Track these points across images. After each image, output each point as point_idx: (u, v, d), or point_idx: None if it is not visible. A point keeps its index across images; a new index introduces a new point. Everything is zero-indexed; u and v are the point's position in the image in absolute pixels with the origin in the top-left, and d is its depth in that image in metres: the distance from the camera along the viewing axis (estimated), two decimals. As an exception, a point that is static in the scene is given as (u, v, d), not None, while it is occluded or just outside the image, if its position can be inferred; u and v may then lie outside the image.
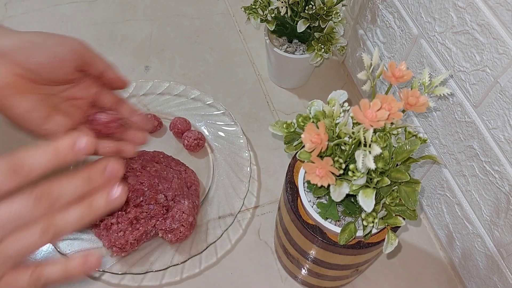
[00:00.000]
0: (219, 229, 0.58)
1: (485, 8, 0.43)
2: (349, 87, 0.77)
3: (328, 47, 0.64)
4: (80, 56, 0.46)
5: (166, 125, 0.68)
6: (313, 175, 0.35)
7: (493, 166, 0.47)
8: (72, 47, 0.45)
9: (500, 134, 0.45)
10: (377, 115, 0.33)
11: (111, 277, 0.55)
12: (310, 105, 0.43)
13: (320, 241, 0.44)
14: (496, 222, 0.49)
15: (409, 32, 0.56)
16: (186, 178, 0.60)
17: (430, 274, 0.59)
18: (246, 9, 0.65)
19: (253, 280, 0.57)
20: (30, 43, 0.43)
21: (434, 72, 0.53)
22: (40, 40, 0.44)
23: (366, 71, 0.38)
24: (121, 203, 0.34)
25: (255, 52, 0.79)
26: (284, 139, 0.44)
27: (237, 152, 0.65)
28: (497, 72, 0.43)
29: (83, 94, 0.50)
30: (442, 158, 0.55)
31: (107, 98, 0.52)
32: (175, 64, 0.77)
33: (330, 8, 0.62)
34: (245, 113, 0.72)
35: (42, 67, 0.44)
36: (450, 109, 0.52)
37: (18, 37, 0.43)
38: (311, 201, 0.45)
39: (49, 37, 0.45)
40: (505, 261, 0.49)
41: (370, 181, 0.38)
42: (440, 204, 0.59)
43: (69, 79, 0.47)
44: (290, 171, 0.48)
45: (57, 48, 0.44)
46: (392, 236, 0.41)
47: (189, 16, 0.83)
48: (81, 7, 0.82)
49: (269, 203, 0.63)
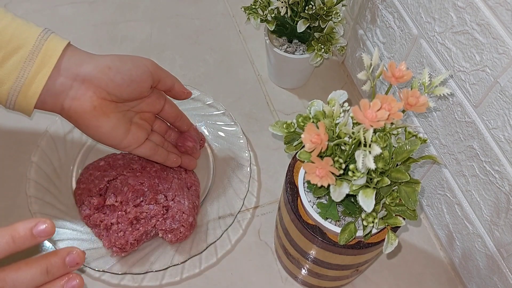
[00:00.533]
0: (219, 229, 0.58)
1: (485, 8, 0.43)
2: (349, 87, 0.77)
3: (328, 47, 0.64)
4: (152, 75, 0.51)
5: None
6: (313, 175, 0.35)
7: (493, 166, 0.47)
8: (146, 68, 0.50)
9: (500, 134, 0.45)
10: (377, 115, 0.33)
11: (111, 277, 0.55)
12: (310, 105, 0.43)
13: (320, 241, 0.44)
14: (496, 222, 0.49)
15: (409, 32, 0.56)
16: (186, 179, 0.60)
17: (430, 274, 0.59)
18: (246, 9, 0.65)
19: (253, 280, 0.57)
20: (110, 68, 0.48)
21: (434, 72, 0.53)
22: (118, 65, 0.48)
23: (366, 71, 0.38)
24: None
25: (255, 52, 0.79)
26: (284, 139, 0.44)
27: (237, 152, 0.65)
28: (497, 72, 0.43)
29: (151, 108, 0.55)
30: (442, 158, 0.55)
31: (171, 111, 0.58)
32: (175, 65, 0.77)
33: (330, 8, 0.62)
34: (245, 113, 0.72)
35: (122, 89, 0.49)
36: (450, 109, 0.52)
37: (99, 63, 0.48)
38: (311, 201, 0.45)
39: (125, 61, 0.49)
40: (505, 261, 0.49)
41: (370, 181, 0.38)
42: (440, 204, 0.59)
43: (144, 96, 0.53)
44: (290, 171, 0.48)
45: (134, 71, 0.49)
46: (392, 236, 0.41)
47: (189, 17, 0.83)
48: (81, 8, 0.82)
49: (269, 203, 0.63)
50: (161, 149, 0.57)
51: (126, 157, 0.61)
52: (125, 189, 0.56)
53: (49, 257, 0.33)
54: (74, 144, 0.64)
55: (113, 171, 0.59)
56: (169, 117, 0.58)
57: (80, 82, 0.47)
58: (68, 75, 0.46)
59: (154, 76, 0.51)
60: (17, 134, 0.67)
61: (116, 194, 0.56)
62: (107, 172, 0.59)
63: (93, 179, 0.59)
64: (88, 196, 0.57)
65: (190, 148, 0.61)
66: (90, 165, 0.61)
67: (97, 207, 0.56)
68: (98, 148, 0.65)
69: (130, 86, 0.49)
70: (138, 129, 0.53)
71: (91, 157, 0.64)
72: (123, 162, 0.60)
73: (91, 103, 0.47)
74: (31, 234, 0.32)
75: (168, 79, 0.54)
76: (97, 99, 0.47)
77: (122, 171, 0.59)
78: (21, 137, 0.66)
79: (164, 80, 0.53)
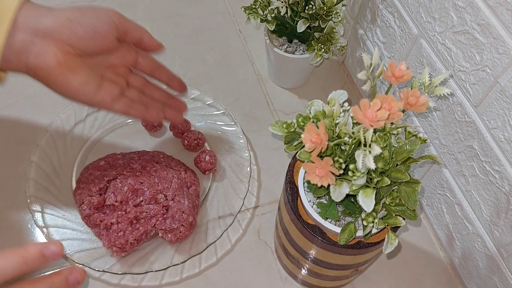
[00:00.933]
0: (219, 229, 0.58)
1: (485, 8, 0.43)
2: (349, 87, 0.76)
3: (328, 47, 0.64)
4: (117, 26, 0.49)
5: (166, 125, 0.68)
6: (313, 175, 0.35)
7: (493, 166, 0.47)
8: (109, 19, 0.48)
9: (500, 134, 0.45)
10: (377, 115, 0.33)
11: (111, 277, 0.55)
12: (310, 105, 0.43)
13: (320, 241, 0.44)
14: (496, 222, 0.49)
15: (409, 32, 0.56)
16: (186, 178, 0.60)
17: (430, 274, 0.59)
18: (246, 9, 0.65)
19: (253, 280, 0.57)
20: (70, 21, 0.45)
21: (434, 72, 0.53)
22: (79, 17, 0.46)
23: (366, 71, 0.38)
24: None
25: (255, 52, 0.79)
26: (284, 139, 0.44)
27: (237, 152, 0.65)
28: (497, 72, 0.43)
29: (122, 61, 0.53)
30: (442, 158, 0.55)
31: (146, 62, 0.55)
32: (175, 64, 0.77)
33: (330, 8, 0.62)
34: (245, 113, 0.72)
35: (85, 42, 0.46)
36: (450, 109, 0.52)
37: (58, 16, 0.45)
38: (311, 201, 0.45)
39: (86, 13, 0.47)
40: (505, 261, 0.49)
41: (370, 181, 0.38)
42: (440, 204, 0.59)
43: (109, 48, 0.50)
44: (290, 171, 0.48)
45: (96, 23, 0.47)
46: (392, 236, 0.41)
47: (189, 16, 0.83)
48: (81, 7, 0.82)
49: (269, 203, 0.63)
50: (138, 104, 0.54)
51: (126, 157, 0.61)
52: (125, 189, 0.56)
53: (52, 276, 0.34)
54: (74, 143, 0.64)
55: (113, 170, 0.59)
56: (146, 70, 0.55)
57: (41, 37, 0.45)
58: (27, 30, 0.44)
59: (119, 27, 0.49)
60: (16, 133, 0.67)
61: (116, 193, 0.56)
62: (107, 171, 0.59)
63: (93, 178, 0.59)
64: (88, 196, 0.57)
65: (209, 161, 0.62)
66: (90, 165, 0.61)
67: (97, 207, 0.56)
68: (98, 148, 0.65)
69: (94, 39, 0.47)
70: (111, 84, 0.51)
71: (91, 157, 0.64)
72: (123, 162, 0.60)
73: (56, 58, 0.45)
74: (42, 255, 0.33)
75: (135, 31, 0.51)
76: (62, 54, 0.45)
77: (122, 170, 0.59)
78: (21, 137, 0.66)
79: (131, 32, 0.50)
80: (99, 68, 0.50)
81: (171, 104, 0.58)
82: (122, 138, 0.67)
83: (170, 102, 0.58)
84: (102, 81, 0.50)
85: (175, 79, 0.58)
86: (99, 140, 0.66)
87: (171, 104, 0.58)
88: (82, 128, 0.66)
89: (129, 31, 0.50)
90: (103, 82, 0.50)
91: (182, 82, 0.58)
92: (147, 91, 0.56)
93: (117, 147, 0.65)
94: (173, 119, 0.58)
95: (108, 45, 0.49)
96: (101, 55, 0.50)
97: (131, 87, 0.54)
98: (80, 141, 0.65)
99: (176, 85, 0.58)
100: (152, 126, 0.66)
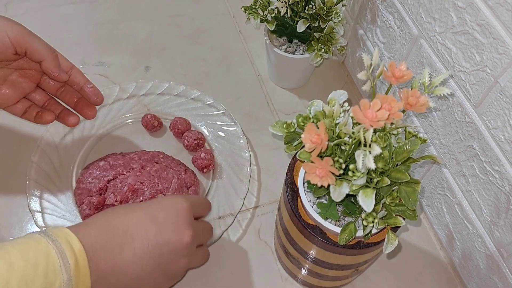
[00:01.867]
0: (219, 229, 0.58)
1: (485, 8, 0.43)
2: (349, 87, 0.77)
3: (328, 47, 0.64)
4: (17, 42, 0.48)
5: (166, 125, 0.68)
6: (313, 175, 0.35)
7: (493, 166, 0.47)
8: (10, 33, 0.48)
9: (500, 134, 0.45)
10: (377, 115, 0.33)
11: (111, 277, 0.55)
12: (310, 105, 0.43)
13: (320, 241, 0.44)
14: (496, 222, 0.49)
15: (409, 32, 0.56)
16: (186, 179, 0.60)
17: (430, 274, 0.59)
18: (246, 9, 0.65)
19: (253, 280, 0.57)
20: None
21: (434, 72, 0.53)
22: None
23: (366, 71, 0.38)
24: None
25: (255, 52, 0.79)
26: (284, 139, 0.44)
27: (237, 152, 0.65)
28: (497, 72, 0.43)
29: (31, 64, 0.52)
30: (442, 158, 0.55)
31: (48, 85, 0.55)
32: (175, 64, 0.77)
33: (330, 8, 0.62)
34: (245, 113, 0.72)
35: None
36: (450, 109, 0.52)
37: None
38: (311, 201, 0.45)
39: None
40: (505, 261, 0.49)
41: (370, 181, 0.38)
42: (440, 204, 0.59)
43: (9, 60, 0.50)
44: (290, 171, 0.48)
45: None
46: (392, 236, 0.41)
47: (189, 16, 0.83)
48: (81, 7, 0.82)
49: (269, 203, 0.63)
50: (31, 110, 0.54)
51: (126, 157, 0.61)
52: (125, 189, 0.56)
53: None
54: (74, 144, 0.64)
55: (113, 170, 0.59)
56: (49, 90, 0.56)
57: None
58: None
59: (17, 46, 0.48)
60: (17, 134, 0.67)
61: (116, 193, 0.56)
62: (107, 172, 0.59)
63: (93, 178, 0.59)
64: (88, 196, 0.57)
65: (204, 158, 0.62)
66: (90, 165, 0.61)
67: (97, 206, 0.56)
68: (98, 148, 0.65)
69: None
70: (10, 87, 0.51)
71: (91, 157, 0.64)
72: (123, 162, 0.60)
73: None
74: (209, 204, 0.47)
75: (36, 54, 0.50)
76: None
77: (122, 170, 0.59)
78: (21, 137, 0.66)
79: (31, 53, 0.50)
80: (3, 70, 0.51)
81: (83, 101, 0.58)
82: (122, 138, 0.67)
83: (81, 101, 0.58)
84: (1, 84, 0.51)
85: (90, 87, 0.57)
86: (99, 140, 0.66)
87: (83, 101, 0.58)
88: (82, 128, 0.66)
89: (29, 51, 0.50)
90: (2, 86, 0.51)
91: (97, 90, 0.57)
92: (59, 93, 0.57)
93: (117, 147, 0.65)
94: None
95: (7, 57, 0.49)
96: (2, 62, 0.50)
97: (38, 90, 0.55)
98: (80, 141, 0.65)
99: (91, 93, 0.57)
100: (152, 126, 0.66)
